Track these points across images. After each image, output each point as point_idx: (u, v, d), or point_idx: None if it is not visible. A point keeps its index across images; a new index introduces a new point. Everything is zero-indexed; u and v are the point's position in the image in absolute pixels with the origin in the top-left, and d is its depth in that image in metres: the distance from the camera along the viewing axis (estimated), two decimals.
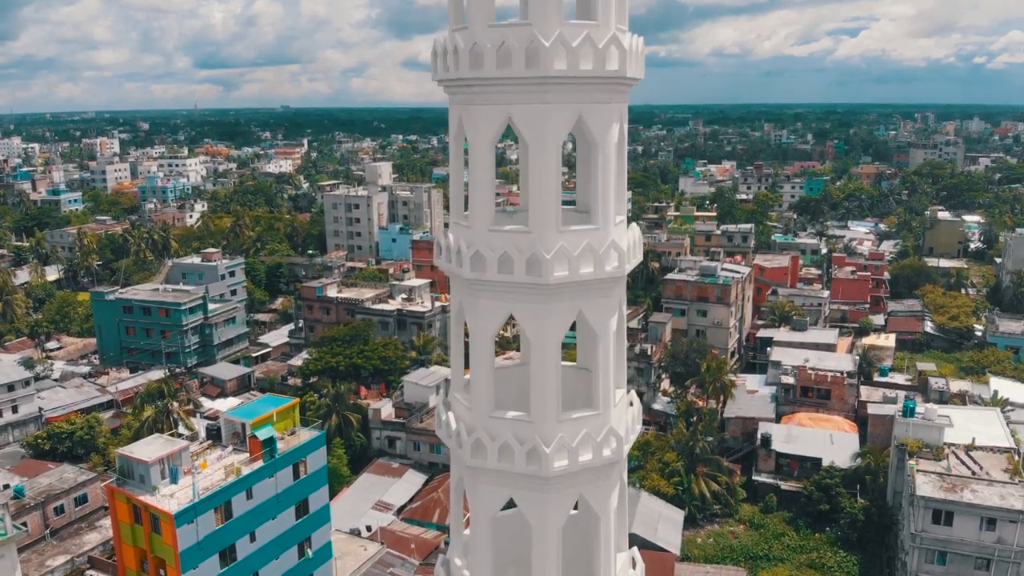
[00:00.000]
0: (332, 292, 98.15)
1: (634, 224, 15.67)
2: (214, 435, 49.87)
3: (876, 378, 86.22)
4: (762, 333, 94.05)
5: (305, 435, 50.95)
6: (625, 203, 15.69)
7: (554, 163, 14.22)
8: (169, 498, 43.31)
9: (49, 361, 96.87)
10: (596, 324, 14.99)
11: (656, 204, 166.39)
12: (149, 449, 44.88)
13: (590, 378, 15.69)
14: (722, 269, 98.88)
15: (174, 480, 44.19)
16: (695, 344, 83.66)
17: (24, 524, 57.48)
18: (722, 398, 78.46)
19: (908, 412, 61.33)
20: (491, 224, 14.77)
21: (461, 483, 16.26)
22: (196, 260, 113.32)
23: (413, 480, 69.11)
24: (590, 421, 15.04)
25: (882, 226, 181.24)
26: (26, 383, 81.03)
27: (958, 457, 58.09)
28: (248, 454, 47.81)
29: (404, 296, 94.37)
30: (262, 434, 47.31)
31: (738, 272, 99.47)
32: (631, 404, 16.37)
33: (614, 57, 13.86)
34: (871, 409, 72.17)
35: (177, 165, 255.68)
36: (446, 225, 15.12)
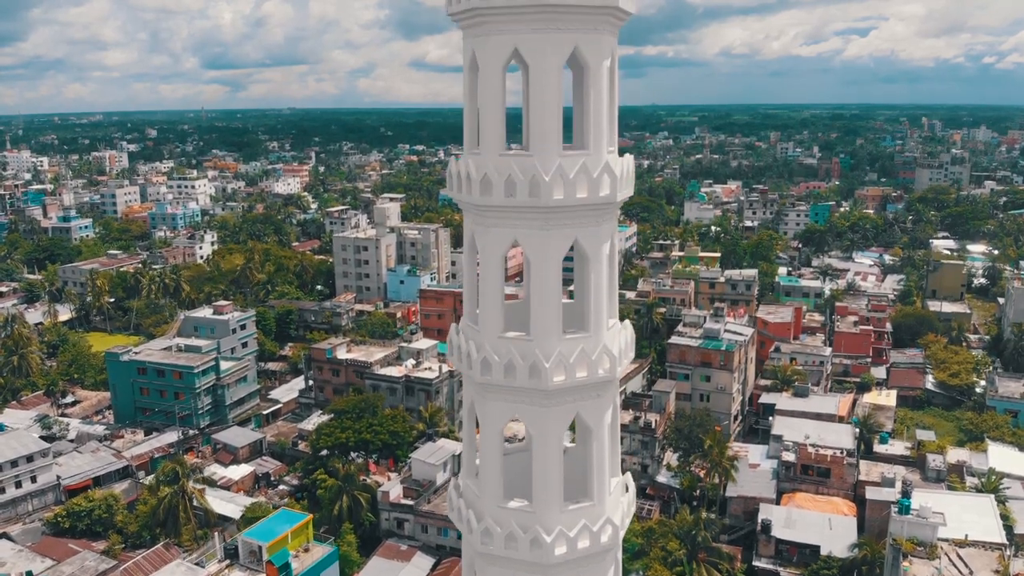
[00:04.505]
0: (342, 353, 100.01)
1: (627, 155, 16.94)
2: (232, 554, 51.80)
3: (876, 446, 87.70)
4: (765, 399, 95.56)
5: (318, 551, 52.95)
6: (616, 135, 16.96)
7: (555, 88, 15.62)
8: None
9: (65, 420, 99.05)
10: (590, 250, 16.36)
11: (661, 242, 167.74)
12: None
13: (583, 315, 16.95)
14: (725, 331, 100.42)
15: None
16: (698, 418, 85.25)
17: None
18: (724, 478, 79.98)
19: (904, 510, 63.01)
20: (500, 150, 16.03)
21: (472, 408, 17.54)
22: (207, 312, 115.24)
23: (421, 564, 70.83)
24: (586, 341, 16.41)
25: (887, 257, 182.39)
26: (44, 454, 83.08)
27: (949, 558, 59.95)
28: None
29: (413, 361, 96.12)
30: (278, 559, 49.25)
31: (741, 334, 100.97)
32: (623, 332, 17.70)
33: None
34: (869, 493, 73.75)
35: (186, 187, 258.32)
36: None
